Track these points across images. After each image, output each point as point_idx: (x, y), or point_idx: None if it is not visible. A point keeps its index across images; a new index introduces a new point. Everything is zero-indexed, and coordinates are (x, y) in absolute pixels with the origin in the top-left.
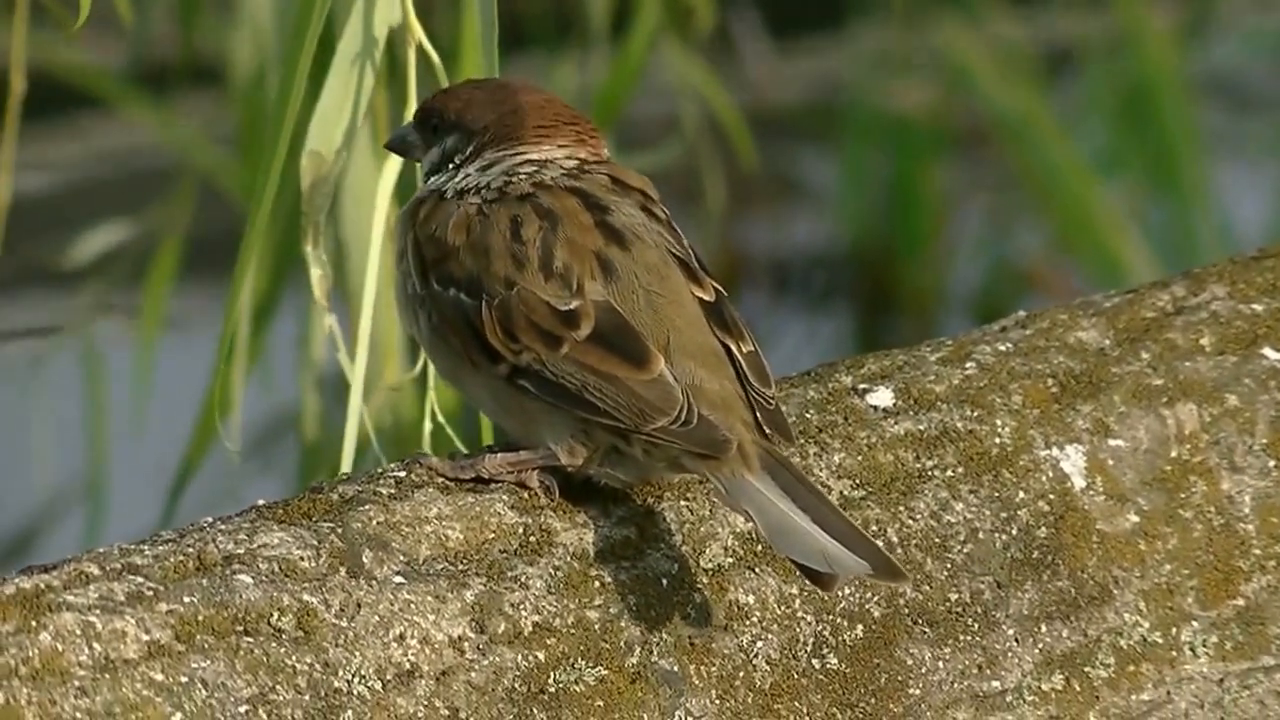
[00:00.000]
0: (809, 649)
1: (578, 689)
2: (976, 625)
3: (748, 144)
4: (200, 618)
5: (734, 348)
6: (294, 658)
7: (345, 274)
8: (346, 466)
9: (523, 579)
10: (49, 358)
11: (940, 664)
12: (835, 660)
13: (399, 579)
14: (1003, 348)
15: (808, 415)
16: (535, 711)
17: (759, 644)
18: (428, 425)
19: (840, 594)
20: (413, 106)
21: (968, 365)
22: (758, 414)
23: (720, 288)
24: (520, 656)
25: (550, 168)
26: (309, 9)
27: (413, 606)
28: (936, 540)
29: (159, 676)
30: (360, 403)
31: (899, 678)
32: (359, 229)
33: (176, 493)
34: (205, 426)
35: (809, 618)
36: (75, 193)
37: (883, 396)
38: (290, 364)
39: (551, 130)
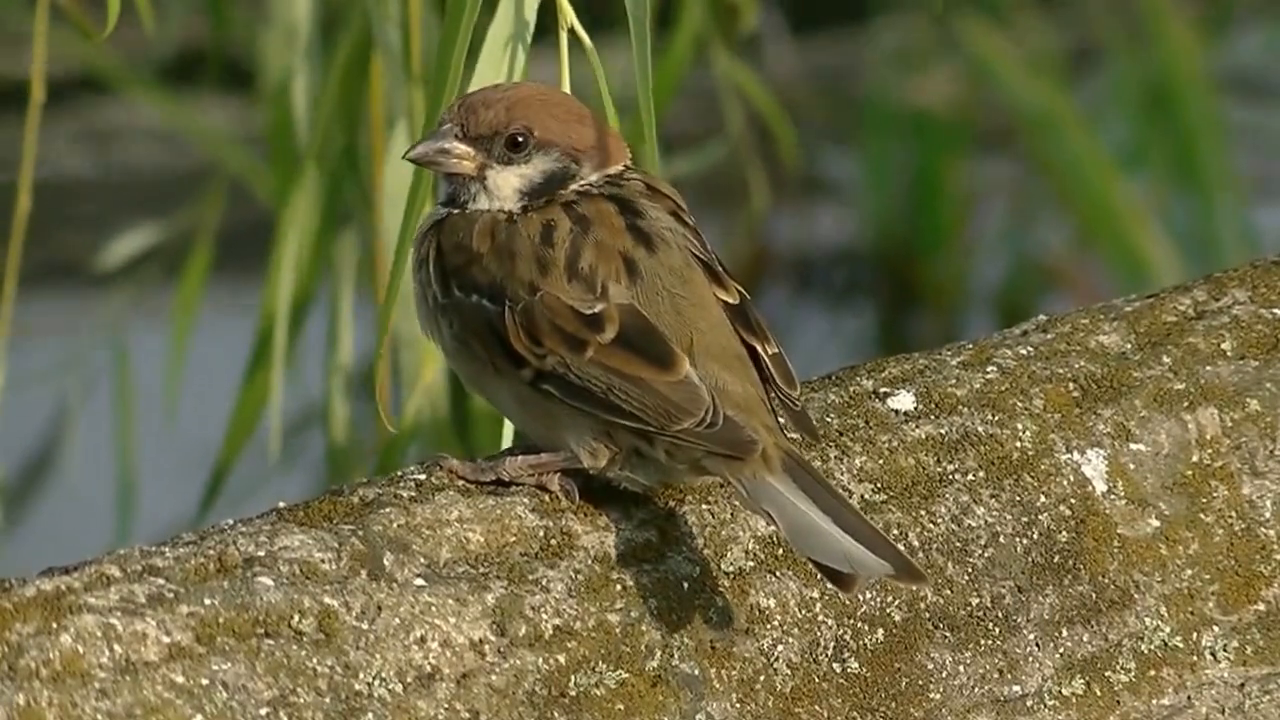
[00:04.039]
0: (830, 653)
1: (598, 692)
2: (997, 629)
3: (791, 143)
4: (221, 620)
5: (759, 350)
6: (315, 660)
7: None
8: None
9: (543, 582)
10: (80, 355)
11: (961, 668)
12: (856, 664)
13: (420, 582)
14: (1024, 351)
15: (829, 419)
16: (556, 715)
17: (780, 648)
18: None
19: (861, 598)
20: (565, 89)
21: (989, 369)
22: (781, 416)
23: (744, 290)
24: (541, 659)
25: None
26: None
27: (433, 609)
28: (957, 544)
29: (180, 679)
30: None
31: (919, 682)
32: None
33: (211, 493)
34: (240, 427)
35: (830, 621)
36: (105, 189)
37: (904, 400)
38: (310, 362)
39: (619, 152)
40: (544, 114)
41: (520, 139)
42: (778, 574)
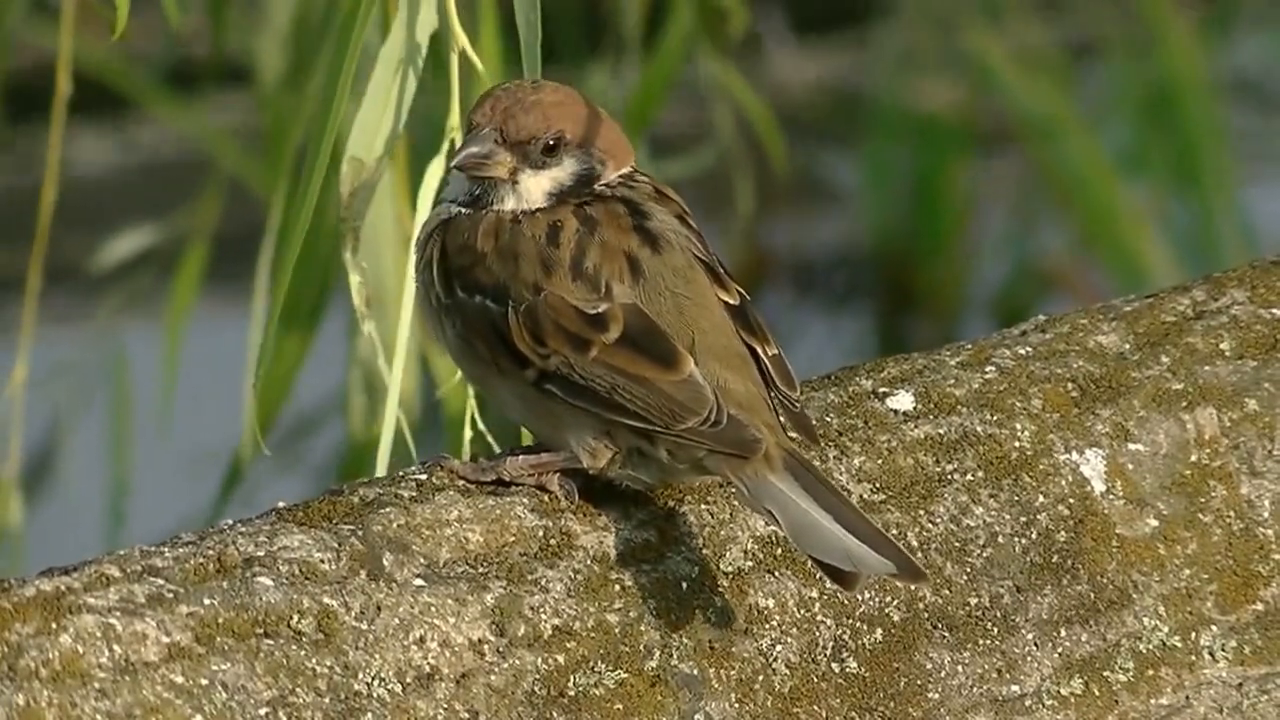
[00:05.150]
0: (828, 653)
1: (597, 692)
2: (996, 629)
3: (780, 148)
4: (220, 620)
5: (760, 350)
6: (314, 660)
7: (379, 278)
8: (381, 469)
9: (543, 582)
10: (75, 357)
11: (959, 668)
12: (854, 664)
13: (419, 582)
14: (1022, 351)
15: (828, 419)
16: (555, 715)
17: (778, 647)
18: (468, 432)
19: (860, 598)
20: (455, 113)
21: (988, 369)
22: (781, 416)
23: (744, 291)
24: (540, 659)
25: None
26: (354, 15)
27: (433, 609)
28: (956, 544)
29: (179, 679)
30: (396, 408)
31: (918, 682)
32: (386, 233)
33: (229, 487)
34: (260, 423)
35: (828, 621)
36: (102, 191)
37: (903, 400)
38: (313, 363)
39: (629, 152)
40: (576, 117)
41: (554, 143)
42: (776, 574)
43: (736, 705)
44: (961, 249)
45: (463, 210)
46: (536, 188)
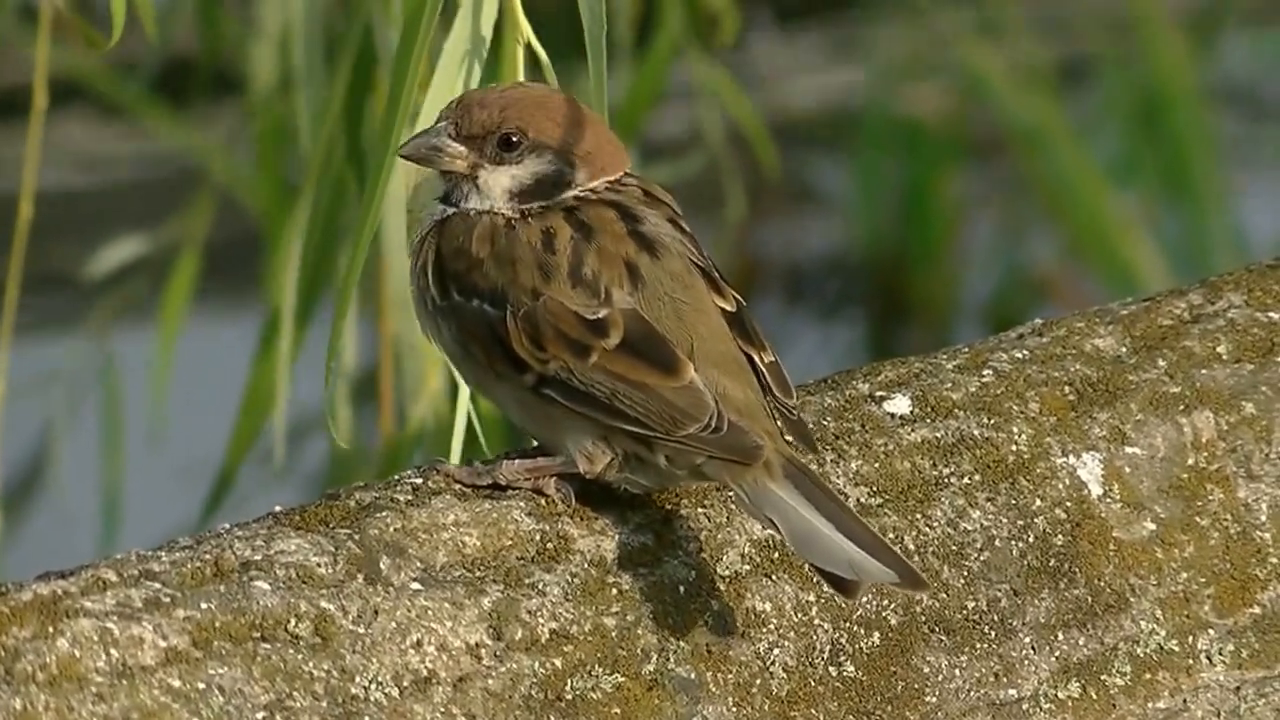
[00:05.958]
0: (826, 656)
1: (594, 696)
2: (993, 633)
3: (770, 153)
4: (217, 624)
5: (756, 358)
6: (311, 664)
7: (373, 279)
8: (455, 458)
9: (540, 586)
10: (66, 365)
11: (957, 672)
12: (852, 668)
13: (416, 586)
14: (1019, 355)
15: (825, 422)
16: (552, 718)
17: (776, 651)
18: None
19: (857, 602)
20: None
21: (985, 373)
22: (780, 423)
23: (740, 298)
24: (537, 663)
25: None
26: (420, 8)
27: (430, 613)
28: (953, 548)
29: (176, 683)
30: (469, 403)
31: (916, 685)
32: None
33: (216, 497)
34: (245, 432)
35: (826, 625)
36: (95, 199)
37: (900, 404)
38: (304, 370)
39: (619, 159)
40: (539, 115)
41: (514, 139)
42: (774, 578)
43: (734, 709)
44: (952, 257)
45: (451, 212)
46: (496, 185)
